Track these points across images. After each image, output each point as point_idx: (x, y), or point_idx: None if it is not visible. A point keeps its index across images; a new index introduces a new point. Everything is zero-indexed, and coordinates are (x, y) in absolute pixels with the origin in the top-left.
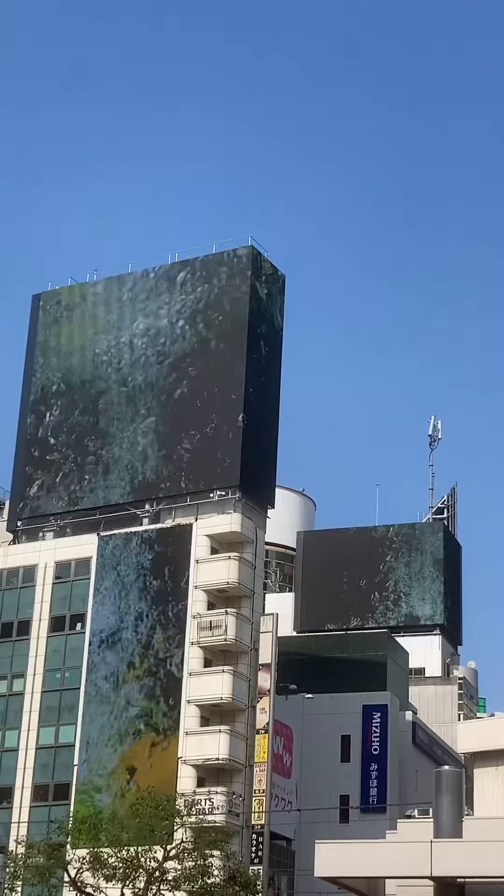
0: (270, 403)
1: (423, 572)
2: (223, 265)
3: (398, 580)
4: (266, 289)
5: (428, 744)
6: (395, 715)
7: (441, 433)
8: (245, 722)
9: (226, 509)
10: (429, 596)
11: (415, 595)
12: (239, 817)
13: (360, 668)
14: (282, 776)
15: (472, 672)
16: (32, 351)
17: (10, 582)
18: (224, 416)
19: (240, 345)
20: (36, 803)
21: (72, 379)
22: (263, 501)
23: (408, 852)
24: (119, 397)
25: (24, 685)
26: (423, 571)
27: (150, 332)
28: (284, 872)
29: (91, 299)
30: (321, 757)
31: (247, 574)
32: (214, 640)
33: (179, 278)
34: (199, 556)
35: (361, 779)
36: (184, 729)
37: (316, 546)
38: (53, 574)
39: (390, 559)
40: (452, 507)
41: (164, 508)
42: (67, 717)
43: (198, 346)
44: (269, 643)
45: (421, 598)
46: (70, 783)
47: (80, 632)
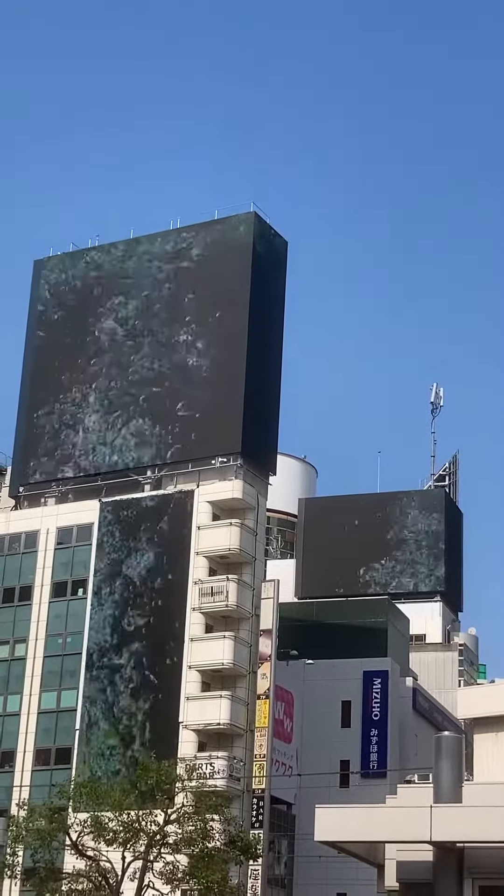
0: (272, 370)
1: (425, 539)
2: (225, 231)
3: (399, 547)
4: (268, 255)
5: (428, 710)
6: (395, 681)
7: (443, 400)
8: (246, 687)
9: (227, 476)
10: (430, 563)
11: (416, 562)
12: (239, 782)
13: (361, 634)
14: (282, 741)
15: (473, 638)
16: (34, 316)
17: (12, 547)
18: (226, 382)
19: (242, 311)
20: (38, 767)
21: (73, 344)
22: (265, 468)
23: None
24: (121, 363)
25: (26, 650)
26: (424, 538)
27: (151, 297)
28: (284, 836)
29: (92, 265)
30: (322, 722)
31: (248, 540)
32: (215, 605)
33: (181, 244)
34: (200, 522)
35: (361, 744)
36: (185, 694)
37: (317, 513)
38: (55, 540)
39: (391, 526)
40: (454, 475)
41: (166, 475)
42: (69, 681)
43: (199, 312)
44: (270, 609)
45: (422, 564)
46: (71, 747)
47: (82, 597)
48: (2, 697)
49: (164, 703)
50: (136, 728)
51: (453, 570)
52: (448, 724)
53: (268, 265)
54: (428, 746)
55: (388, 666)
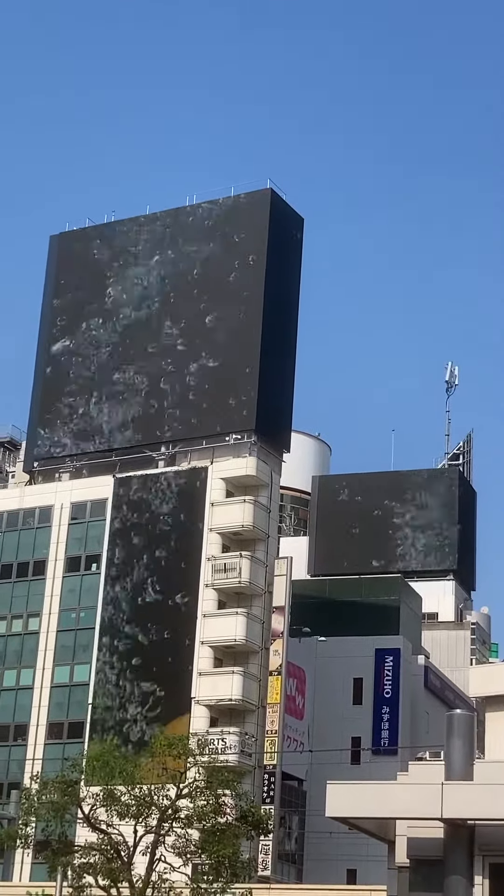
0: (287, 348)
1: (438, 518)
2: (241, 207)
3: (413, 525)
4: (284, 232)
5: (440, 688)
6: (407, 659)
7: (458, 379)
8: (258, 663)
9: (241, 453)
10: (443, 541)
11: (429, 540)
12: (251, 757)
13: (374, 611)
14: (294, 717)
15: (485, 617)
16: (50, 292)
17: (26, 522)
18: (241, 359)
19: (257, 288)
20: (50, 741)
21: (89, 320)
22: (279, 445)
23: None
24: (136, 339)
25: (40, 624)
26: (437, 517)
27: (167, 273)
28: (295, 812)
29: (108, 240)
30: (333, 699)
31: (261, 517)
32: (228, 582)
33: (197, 220)
34: (214, 499)
35: (373, 721)
36: (197, 670)
37: (331, 490)
38: (69, 515)
39: (405, 504)
40: (468, 454)
41: (180, 451)
42: (82, 656)
43: (215, 288)
44: (282, 586)
45: (435, 543)
46: (84, 721)
47: (96, 572)
48: (15, 671)
49: (177, 678)
50: (148, 703)
51: (466, 549)
52: (459, 702)
53: (283, 242)
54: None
55: (401, 644)
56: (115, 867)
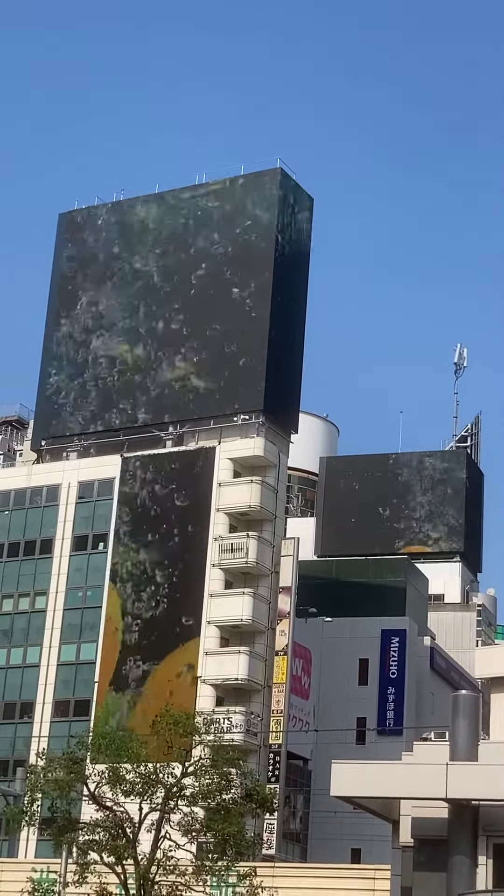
0: (296, 328)
1: (445, 500)
2: (251, 187)
3: (420, 507)
4: (294, 211)
5: (445, 669)
6: (413, 640)
7: (467, 361)
8: (264, 643)
9: (249, 433)
10: (450, 523)
11: (436, 522)
12: (257, 737)
13: (380, 593)
14: (300, 697)
15: (492, 599)
16: (58, 270)
17: (33, 500)
18: (249, 339)
19: (266, 268)
20: (56, 719)
21: (98, 298)
22: (287, 426)
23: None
24: (144, 318)
25: (47, 602)
26: (444, 499)
27: (175, 252)
28: (300, 791)
29: (117, 218)
30: (339, 680)
31: (269, 498)
32: (235, 562)
33: (206, 200)
34: (221, 479)
35: (378, 702)
36: (204, 649)
37: (338, 472)
38: (77, 494)
39: (412, 486)
40: (476, 436)
41: (188, 431)
42: (89, 634)
43: (224, 267)
44: (289, 567)
45: (442, 525)
46: (90, 700)
47: (103, 551)
48: (22, 649)
49: (183, 657)
50: (154, 682)
51: (473, 531)
52: (465, 683)
53: (293, 221)
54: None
55: (407, 625)
56: (120, 844)
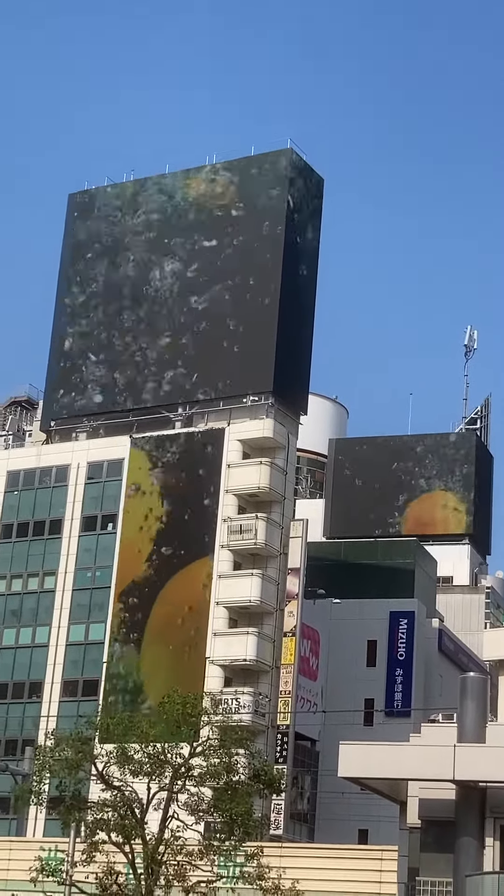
0: (305, 310)
1: (454, 482)
2: (261, 167)
3: (428, 489)
4: (304, 192)
5: (454, 651)
6: (421, 622)
7: (477, 343)
8: (273, 624)
9: (258, 415)
10: (459, 506)
11: (445, 504)
12: (265, 717)
13: (388, 574)
14: (308, 678)
15: (500, 582)
16: (67, 249)
17: (42, 481)
18: (258, 321)
19: (276, 249)
20: (65, 698)
21: (107, 278)
22: (296, 407)
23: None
24: (153, 299)
25: (55, 583)
26: (453, 481)
27: (185, 233)
28: (308, 772)
29: (127, 199)
30: (347, 661)
31: (278, 479)
32: (244, 543)
33: (217, 180)
34: (230, 460)
35: (386, 683)
36: (212, 630)
37: (347, 454)
38: (86, 474)
39: (421, 468)
40: (485, 418)
41: (197, 412)
42: (97, 615)
43: (233, 248)
44: (298, 548)
45: (451, 507)
46: (99, 679)
47: (112, 532)
48: (31, 629)
49: (191, 638)
50: (162, 662)
51: (482, 514)
52: (473, 665)
53: (303, 202)
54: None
55: (415, 607)
56: (128, 824)
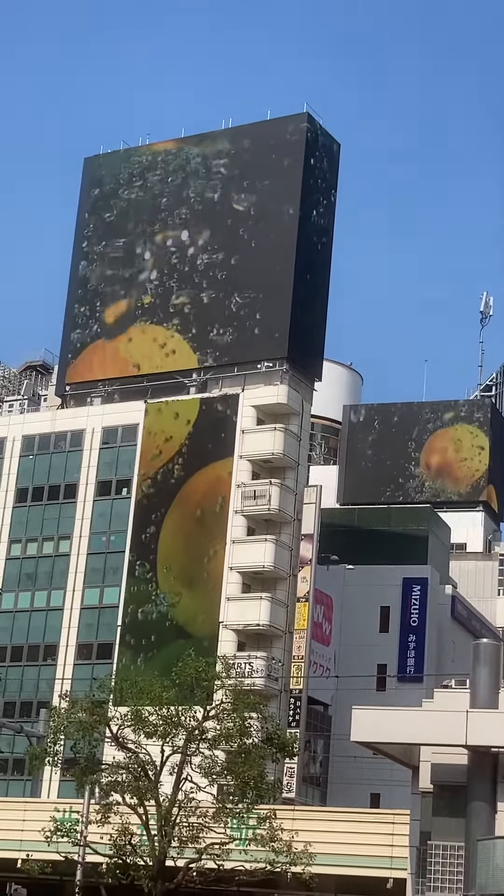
0: (321, 275)
1: (469, 449)
2: (277, 132)
3: (442, 455)
4: (320, 157)
5: (466, 617)
6: (434, 588)
7: (492, 310)
8: (286, 590)
9: (273, 381)
10: (473, 472)
11: (459, 471)
12: (277, 682)
13: (402, 541)
14: (321, 644)
15: None
16: (83, 214)
17: (57, 445)
18: (274, 287)
19: (292, 215)
20: (80, 661)
21: (121, 244)
22: (310, 374)
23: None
24: (169, 264)
25: (70, 546)
26: (468, 448)
27: (200, 197)
28: (321, 736)
29: (143, 163)
30: (360, 627)
31: (292, 445)
32: (258, 509)
33: (232, 144)
34: (244, 426)
35: (399, 649)
36: (226, 595)
37: (362, 420)
38: (101, 439)
39: (436, 435)
40: (501, 385)
41: (211, 378)
42: (112, 579)
43: (248, 213)
44: (311, 514)
45: (465, 474)
46: (113, 643)
47: (126, 497)
48: (46, 592)
49: (205, 603)
50: (176, 626)
51: (497, 480)
52: (486, 632)
53: (319, 167)
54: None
55: (428, 573)
56: (142, 786)
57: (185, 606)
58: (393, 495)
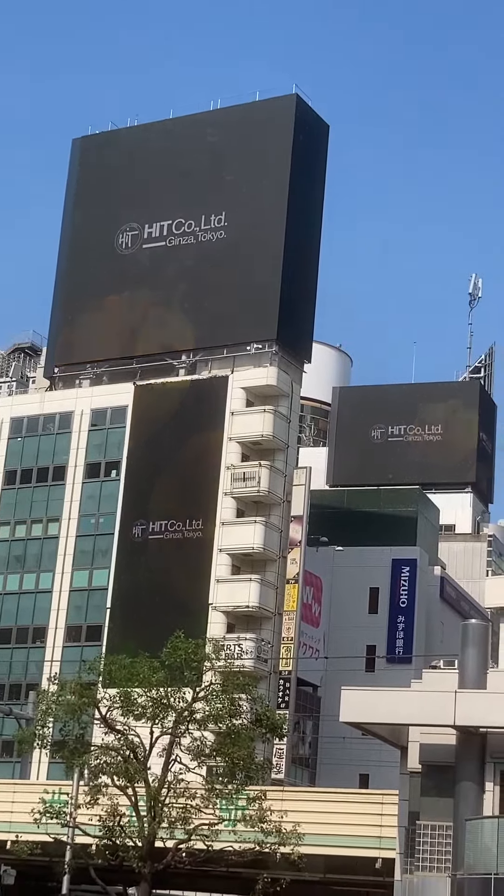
0: (310, 258)
1: (458, 431)
2: (266, 113)
3: (432, 437)
4: (309, 138)
5: (455, 598)
6: (423, 569)
7: (481, 292)
8: (275, 571)
9: (262, 362)
10: (462, 454)
11: (448, 453)
12: (267, 663)
13: (391, 522)
14: (310, 625)
15: (502, 530)
16: (72, 196)
17: (46, 427)
18: (263, 268)
19: (281, 196)
20: (69, 643)
21: (110, 225)
22: (300, 356)
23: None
24: (157, 246)
25: (59, 529)
26: (457, 430)
27: (189, 178)
28: (310, 717)
29: (131, 144)
30: (349, 608)
31: (281, 427)
32: (247, 491)
33: (222, 125)
34: (234, 408)
35: (388, 630)
36: (215, 576)
37: (351, 402)
38: (89, 421)
39: (425, 417)
40: (489, 367)
41: (201, 360)
42: (101, 561)
43: (238, 195)
44: (301, 496)
45: (454, 455)
46: (102, 625)
47: (115, 479)
48: (34, 575)
49: (194, 584)
50: (165, 608)
51: (485, 462)
52: (475, 613)
53: (308, 149)
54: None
55: (417, 555)
56: (131, 767)
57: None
58: (382, 477)
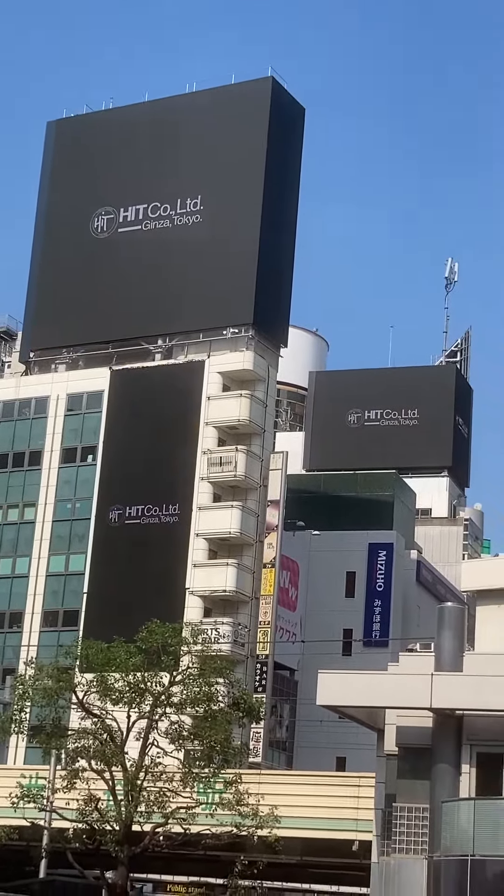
0: (286, 241)
1: (434, 415)
2: (242, 96)
3: (408, 421)
4: (285, 121)
5: (432, 582)
6: (400, 553)
7: (457, 276)
8: (252, 556)
9: (238, 347)
10: (438, 438)
11: (424, 437)
12: (244, 647)
13: (368, 506)
14: (287, 609)
15: (478, 514)
16: (46, 179)
17: (22, 412)
18: (238, 252)
19: (256, 180)
20: (45, 628)
21: (87, 209)
22: (276, 340)
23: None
24: (133, 228)
25: (35, 514)
26: (433, 414)
27: (165, 162)
28: (287, 701)
29: (106, 127)
30: (326, 592)
31: (258, 412)
32: (224, 475)
33: (196, 108)
34: (210, 392)
35: (365, 614)
36: (192, 561)
37: (327, 386)
38: (65, 406)
39: (401, 401)
40: (466, 351)
41: (177, 344)
42: (78, 546)
43: (214, 179)
44: (278, 480)
45: (430, 439)
46: (79, 610)
47: (91, 464)
48: (11, 560)
49: (171, 569)
50: (142, 593)
51: (461, 446)
52: (451, 596)
53: (284, 132)
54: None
55: (394, 538)
56: (108, 751)
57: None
58: (359, 461)
